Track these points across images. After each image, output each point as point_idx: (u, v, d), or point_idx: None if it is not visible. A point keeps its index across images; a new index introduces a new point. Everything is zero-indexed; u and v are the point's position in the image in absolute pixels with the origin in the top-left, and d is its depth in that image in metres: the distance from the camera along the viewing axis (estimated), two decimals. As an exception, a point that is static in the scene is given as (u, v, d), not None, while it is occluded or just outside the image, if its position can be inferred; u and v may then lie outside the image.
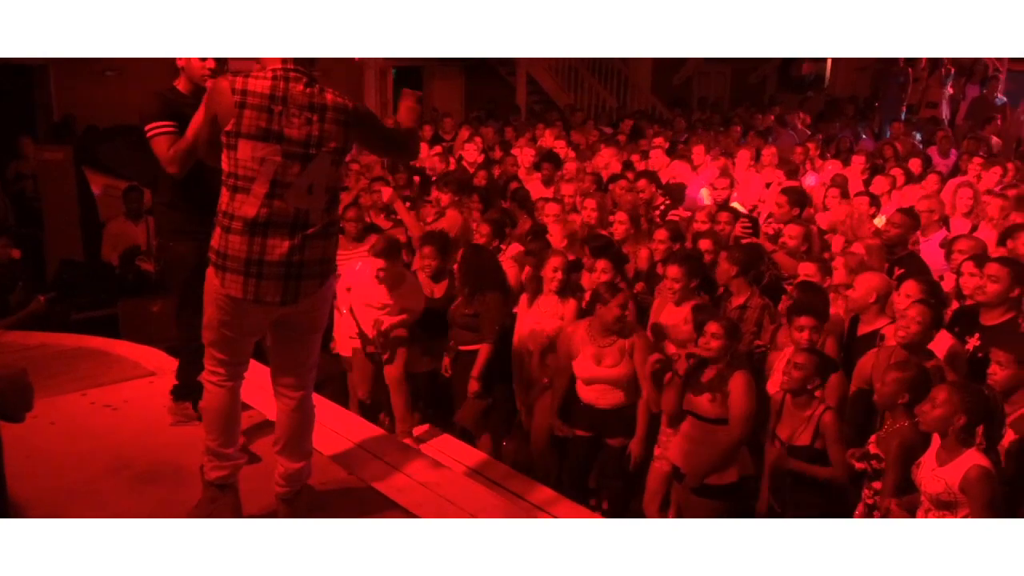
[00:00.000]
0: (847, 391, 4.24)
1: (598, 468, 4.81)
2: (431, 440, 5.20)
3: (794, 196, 6.24)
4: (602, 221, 6.28)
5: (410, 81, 13.78)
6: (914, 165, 8.27)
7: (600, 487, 4.87)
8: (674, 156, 9.04)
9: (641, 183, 7.17)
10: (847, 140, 10.39)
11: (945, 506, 3.20)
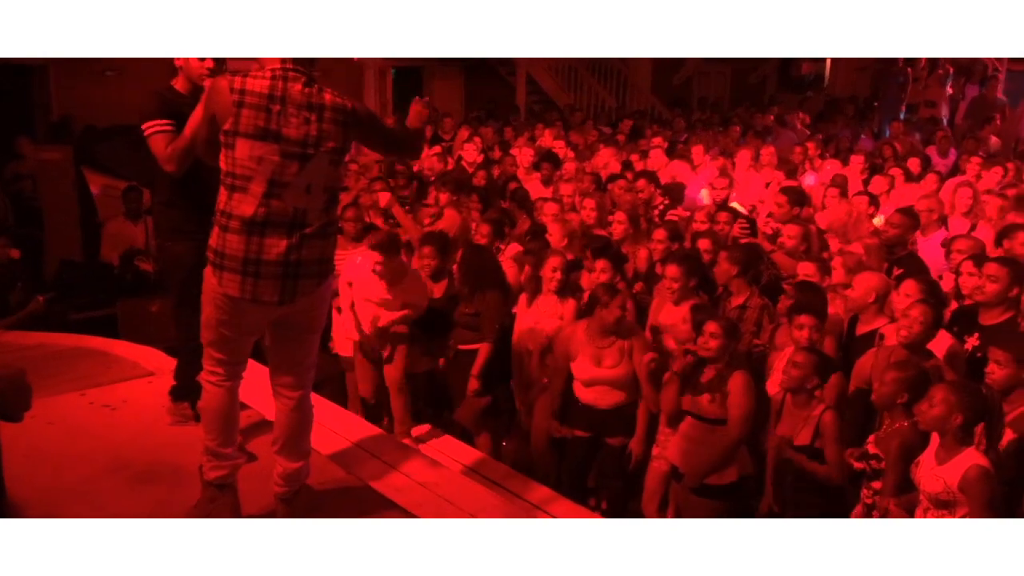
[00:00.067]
0: (846, 390, 4.24)
1: (597, 468, 4.81)
2: (430, 440, 5.20)
3: (794, 196, 6.23)
4: (601, 221, 6.28)
5: (410, 81, 13.91)
6: (913, 165, 8.26)
7: (599, 487, 4.86)
8: (673, 156, 9.05)
9: (640, 183, 7.17)
10: (846, 140, 10.39)
11: (944, 505, 3.20)
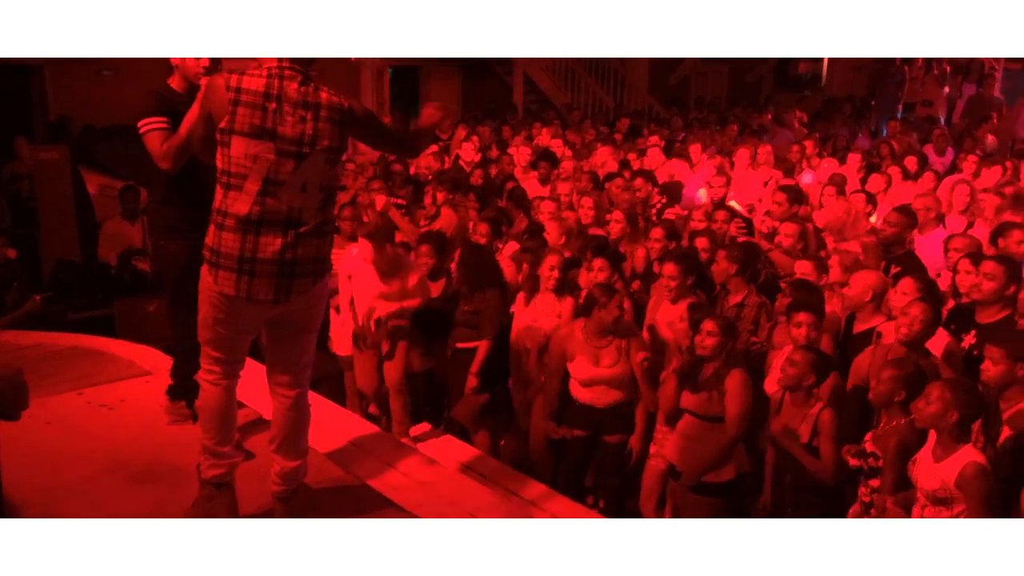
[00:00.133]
0: (843, 389, 4.24)
1: (595, 466, 4.81)
2: (428, 439, 5.19)
3: (792, 194, 6.24)
4: (599, 220, 6.28)
5: (407, 81, 13.90)
6: (910, 164, 8.27)
7: (597, 485, 4.86)
8: (671, 155, 9.05)
9: (638, 182, 7.17)
10: (843, 139, 10.40)
11: (941, 502, 3.20)
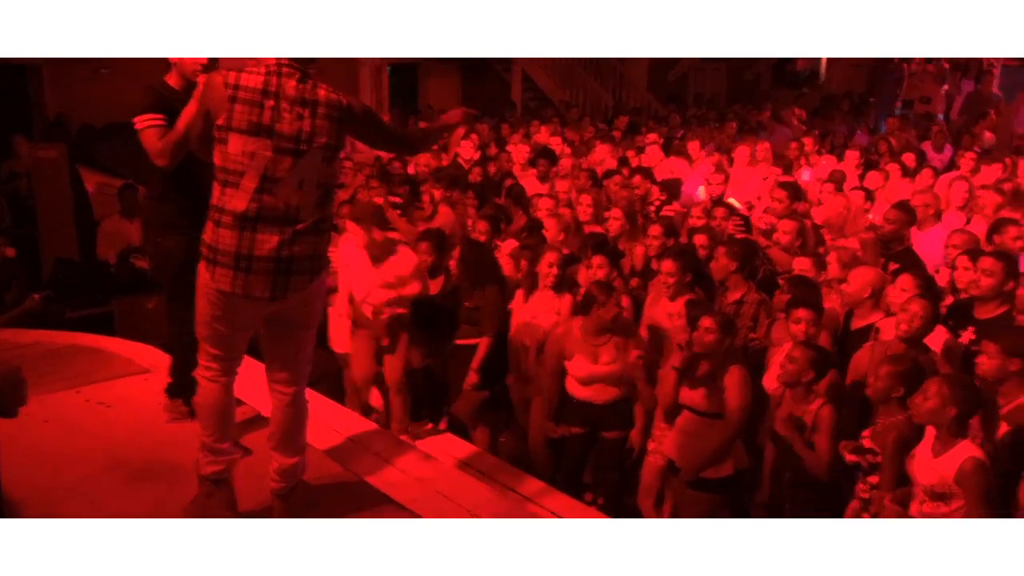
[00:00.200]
0: (841, 385, 4.24)
1: (594, 462, 4.81)
2: (426, 436, 5.18)
3: (792, 191, 6.25)
4: (597, 217, 6.28)
5: (406, 79, 13.88)
6: (908, 160, 8.26)
7: (596, 481, 4.86)
8: (670, 152, 9.04)
9: (636, 179, 7.17)
10: (841, 136, 10.40)
11: (939, 497, 3.20)
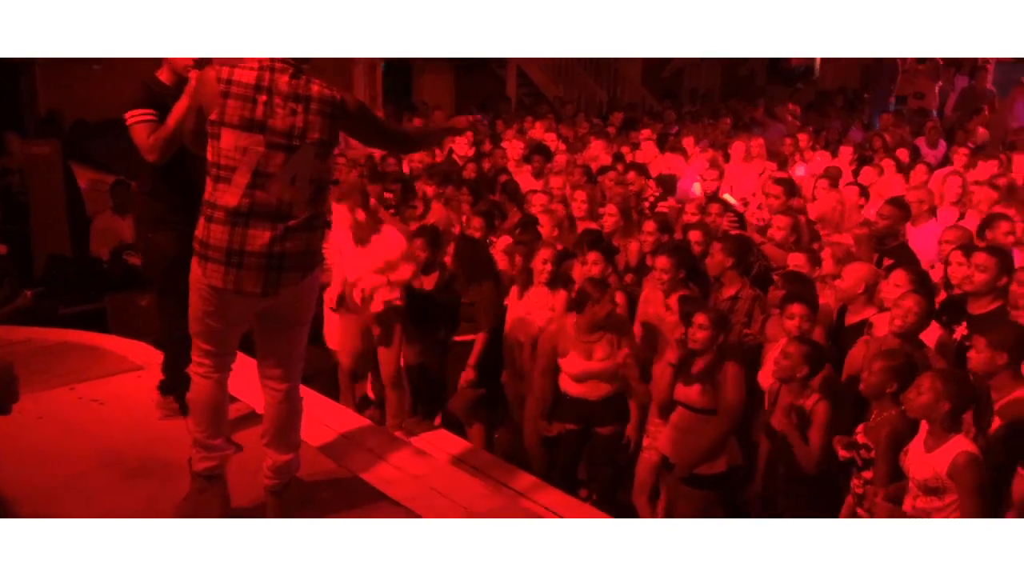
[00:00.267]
0: (835, 381, 4.25)
1: (588, 457, 4.80)
2: (423, 432, 5.18)
3: (788, 187, 6.26)
4: (592, 213, 6.27)
5: (400, 75, 13.84)
6: (902, 156, 8.27)
7: (590, 477, 4.86)
8: (667, 149, 9.03)
9: (630, 175, 7.17)
10: (835, 132, 10.41)
11: (933, 492, 3.21)
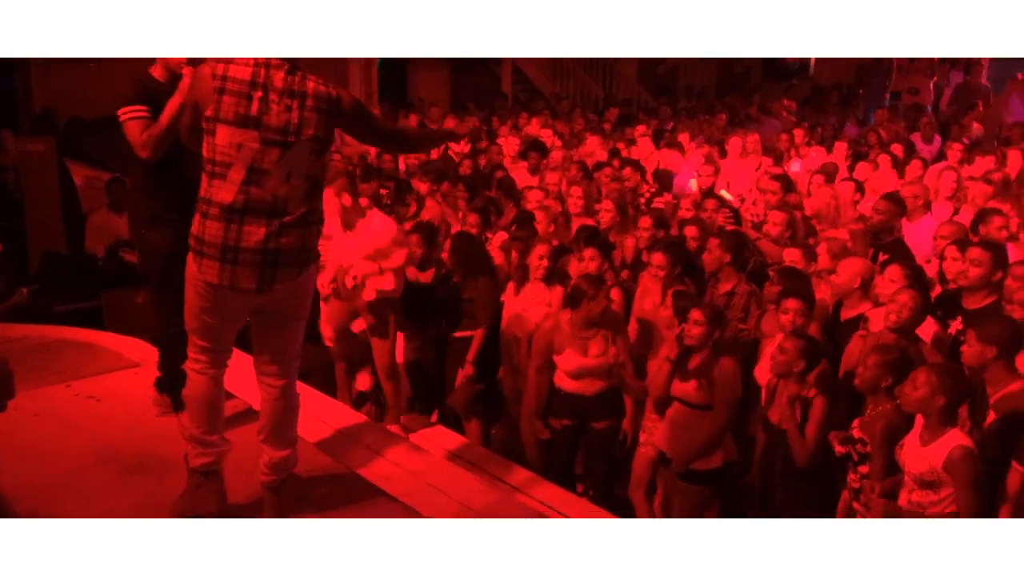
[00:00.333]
0: (831, 376, 4.25)
1: (584, 452, 4.80)
2: (420, 428, 5.18)
3: (785, 183, 6.27)
4: (588, 209, 6.27)
5: (395, 71, 13.82)
6: (897, 151, 8.28)
7: (586, 472, 4.86)
8: (664, 144, 9.04)
9: (626, 171, 7.18)
10: (829, 127, 10.42)
11: (928, 485, 3.23)
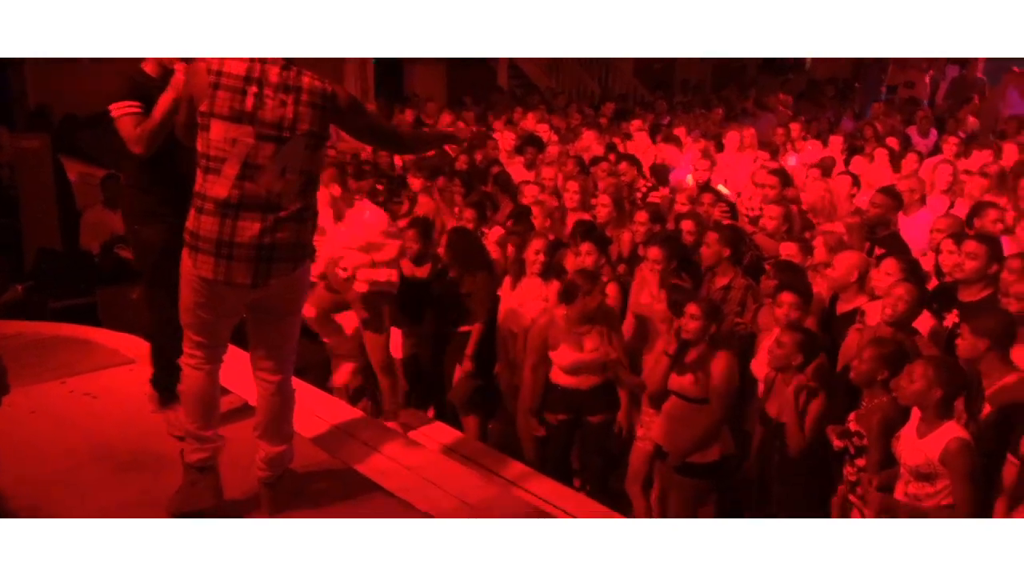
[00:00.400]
0: (828, 370, 4.25)
1: (579, 445, 4.80)
2: (416, 424, 5.17)
3: (782, 178, 6.27)
4: (584, 204, 6.27)
5: (391, 66, 13.78)
6: (893, 145, 8.28)
7: (582, 465, 4.87)
8: (662, 139, 9.03)
9: (622, 166, 7.17)
10: (825, 121, 10.42)
11: (924, 478, 3.24)
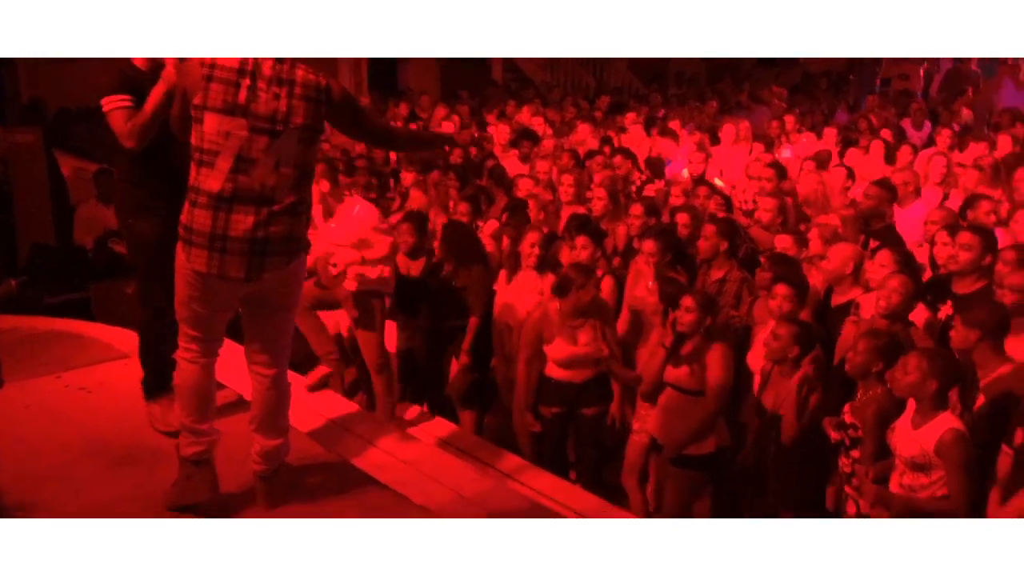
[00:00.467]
0: (825, 362, 4.26)
1: (574, 438, 4.80)
2: (412, 418, 5.17)
3: (779, 171, 6.27)
4: (580, 197, 6.26)
5: (385, 61, 13.71)
6: (887, 137, 8.28)
7: (577, 458, 4.87)
8: (653, 132, 9.03)
9: (617, 159, 7.17)
10: (820, 114, 10.43)
11: (920, 469, 3.25)
